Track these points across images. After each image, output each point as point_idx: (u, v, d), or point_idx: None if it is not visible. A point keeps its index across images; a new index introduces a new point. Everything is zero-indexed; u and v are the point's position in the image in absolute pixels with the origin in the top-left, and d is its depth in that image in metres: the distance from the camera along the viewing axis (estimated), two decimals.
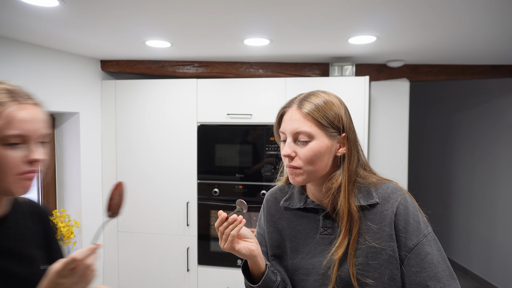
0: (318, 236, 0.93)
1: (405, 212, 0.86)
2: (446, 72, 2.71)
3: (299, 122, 0.88)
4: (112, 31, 1.86)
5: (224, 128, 2.55)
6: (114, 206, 0.89)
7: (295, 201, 0.99)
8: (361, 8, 1.48)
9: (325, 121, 0.87)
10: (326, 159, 0.89)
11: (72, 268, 0.71)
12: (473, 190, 3.60)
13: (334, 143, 0.89)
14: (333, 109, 0.89)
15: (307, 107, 0.88)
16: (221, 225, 0.86)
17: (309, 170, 0.88)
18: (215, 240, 2.62)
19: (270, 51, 2.29)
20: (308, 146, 0.87)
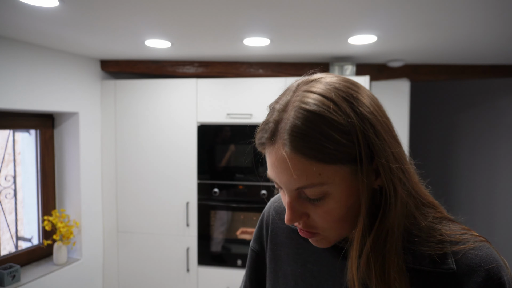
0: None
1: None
2: (446, 72, 2.71)
3: (293, 174, 0.51)
4: (112, 31, 1.86)
5: (224, 128, 2.55)
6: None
7: None
8: (361, 8, 1.48)
9: (338, 155, 0.49)
10: (358, 203, 0.52)
11: None
12: (473, 190, 3.59)
13: (365, 174, 0.50)
14: (343, 123, 0.49)
15: (297, 143, 0.49)
16: None
17: (337, 231, 0.55)
18: (215, 240, 2.61)
19: (270, 51, 2.29)
20: (326, 205, 0.52)
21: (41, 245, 2.43)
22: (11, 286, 2.05)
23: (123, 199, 2.68)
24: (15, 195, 2.35)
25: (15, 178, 2.36)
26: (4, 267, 2.07)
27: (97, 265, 2.68)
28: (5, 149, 2.34)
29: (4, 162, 2.32)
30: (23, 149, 2.45)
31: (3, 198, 2.28)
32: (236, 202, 2.56)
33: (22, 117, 2.28)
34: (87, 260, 2.57)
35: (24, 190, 2.46)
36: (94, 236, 2.64)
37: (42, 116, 2.43)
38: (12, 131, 2.36)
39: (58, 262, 2.38)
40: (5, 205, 2.33)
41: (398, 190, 0.51)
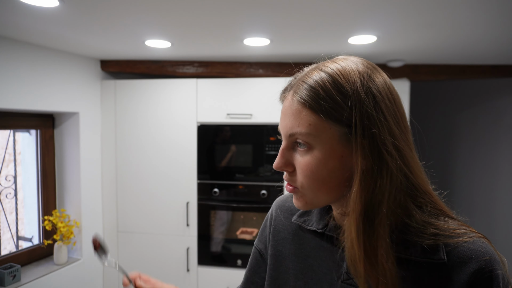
0: (339, 284, 0.60)
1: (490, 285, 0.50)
2: (446, 72, 2.71)
3: (293, 119, 0.56)
4: (112, 31, 1.86)
5: (224, 128, 2.55)
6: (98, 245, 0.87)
7: (313, 220, 0.66)
8: (361, 8, 1.48)
9: (330, 114, 0.52)
10: (340, 176, 0.54)
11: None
12: (473, 190, 3.59)
13: (352, 150, 0.53)
14: (346, 88, 0.53)
15: (303, 93, 0.55)
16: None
17: (313, 192, 0.57)
18: (215, 240, 2.61)
19: (270, 51, 2.29)
20: (308, 156, 0.55)
21: (42, 245, 2.43)
22: (12, 286, 2.05)
23: (123, 199, 2.68)
24: (16, 195, 2.36)
25: (16, 178, 2.36)
26: (5, 267, 2.08)
27: (98, 265, 2.68)
28: (6, 149, 2.34)
29: (4, 162, 2.32)
30: (24, 149, 2.45)
31: (4, 198, 2.28)
32: (236, 202, 2.56)
33: (22, 117, 2.28)
34: (88, 260, 2.58)
35: (25, 190, 2.47)
36: None
37: (42, 116, 2.43)
38: (12, 131, 2.36)
39: (59, 262, 2.38)
40: (6, 205, 2.33)
41: (389, 165, 0.51)
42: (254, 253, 0.79)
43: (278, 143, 2.47)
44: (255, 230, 2.60)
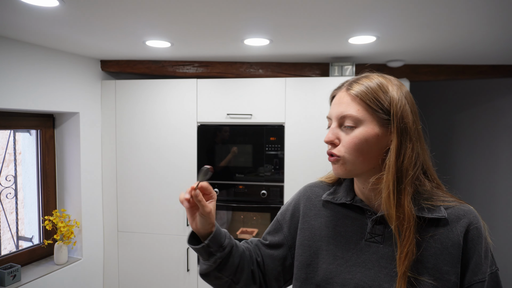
0: (363, 243, 0.80)
1: (478, 236, 0.75)
2: (446, 72, 2.71)
3: (346, 105, 0.78)
4: (112, 31, 1.86)
5: (224, 128, 2.55)
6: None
7: (341, 196, 0.87)
8: (361, 8, 1.48)
9: (375, 104, 0.76)
10: (375, 150, 0.76)
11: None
12: (473, 190, 3.60)
13: (386, 133, 0.76)
14: (388, 92, 0.77)
15: (356, 89, 0.78)
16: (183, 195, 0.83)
17: (353, 160, 0.77)
18: None
19: (270, 51, 2.29)
20: (353, 133, 0.77)
21: (42, 245, 2.44)
22: (12, 286, 2.05)
23: (123, 199, 2.68)
24: (16, 195, 2.36)
25: (16, 178, 2.36)
26: (5, 267, 2.08)
27: (98, 265, 2.68)
28: (6, 149, 2.35)
29: (5, 162, 2.32)
30: (24, 149, 2.45)
31: (4, 198, 2.28)
32: (236, 202, 2.57)
33: (22, 117, 2.29)
34: (88, 259, 2.58)
35: (25, 190, 2.47)
36: (95, 236, 2.65)
37: (42, 116, 2.43)
38: (12, 131, 2.36)
39: (59, 261, 2.38)
40: (6, 205, 2.34)
41: (413, 145, 0.76)
42: (275, 222, 0.98)
43: (278, 143, 2.47)
44: (255, 230, 2.60)
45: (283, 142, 2.48)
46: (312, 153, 2.44)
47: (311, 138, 2.44)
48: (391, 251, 0.76)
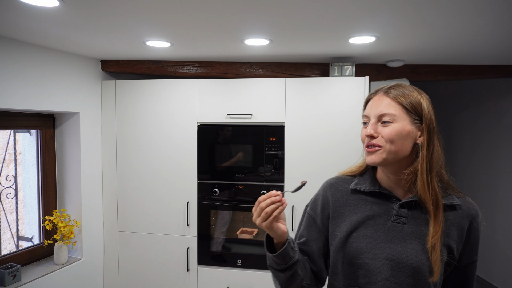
0: (390, 223, 0.94)
1: (479, 225, 0.95)
2: (446, 72, 2.72)
3: (385, 105, 0.93)
4: (112, 31, 1.86)
5: (224, 128, 2.55)
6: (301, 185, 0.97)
7: (367, 185, 1.00)
8: (361, 8, 1.49)
9: (409, 106, 0.92)
10: (407, 143, 0.92)
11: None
12: (473, 190, 3.59)
13: (416, 130, 0.93)
14: (418, 98, 0.94)
15: (394, 93, 0.94)
16: (264, 202, 0.87)
17: (390, 150, 0.91)
18: (215, 240, 2.62)
19: (270, 51, 2.29)
20: (391, 126, 0.91)
21: (42, 245, 2.44)
22: (12, 286, 2.06)
23: (123, 199, 2.69)
24: (16, 195, 2.36)
25: (16, 178, 2.36)
26: (5, 267, 2.08)
27: (98, 265, 2.69)
28: (6, 149, 2.35)
29: (5, 162, 2.33)
30: (24, 149, 2.46)
31: (4, 198, 2.28)
32: (236, 202, 2.57)
33: (23, 117, 2.29)
34: (88, 259, 2.58)
35: (25, 190, 2.47)
36: (95, 236, 2.65)
37: (43, 116, 2.43)
38: (13, 131, 2.36)
39: (59, 261, 2.39)
40: (6, 205, 2.34)
41: (436, 142, 0.94)
42: (308, 218, 1.09)
43: (278, 143, 2.47)
44: (255, 230, 2.60)
45: (283, 142, 2.48)
46: (312, 153, 2.45)
47: (311, 138, 2.44)
48: (415, 230, 0.92)
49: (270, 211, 0.86)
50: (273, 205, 0.87)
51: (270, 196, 0.88)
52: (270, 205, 0.87)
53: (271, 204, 0.87)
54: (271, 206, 0.87)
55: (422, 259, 0.88)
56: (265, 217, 0.87)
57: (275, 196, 0.87)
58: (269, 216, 0.87)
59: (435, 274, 0.87)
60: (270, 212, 0.86)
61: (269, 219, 0.87)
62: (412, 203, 0.94)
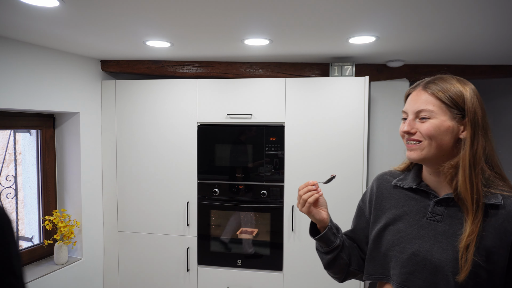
0: (424, 220, 0.94)
1: None
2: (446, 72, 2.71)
3: (422, 101, 0.91)
4: (112, 31, 1.86)
5: (224, 128, 2.55)
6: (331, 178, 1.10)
7: (408, 181, 1.01)
8: (361, 8, 1.49)
9: (449, 101, 0.89)
10: (448, 139, 0.89)
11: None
12: None
13: (457, 125, 0.89)
14: (461, 91, 0.90)
15: (433, 88, 0.91)
16: (302, 190, 1.01)
17: (429, 146, 0.89)
18: (215, 240, 2.62)
19: (270, 51, 2.29)
20: (428, 122, 0.89)
21: (42, 245, 2.44)
22: None
23: (123, 198, 2.69)
24: (16, 195, 2.36)
25: (16, 178, 2.36)
26: None
27: (98, 265, 2.69)
28: (6, 149, 2.35)
29: (5, 162, 2.33)
30: (24, 149, 2.46)
31: (4, 198, 2.28)
32: (236, 202, 2.57)
33: (23, 117, 2.29)
34: (88, 259, 2.58)
35: (25, 190, 2.47)
36: (95, 236, 2.65)
37: (43, 116, 2.43)
38: (13, 131, 2.36)
39: (59, 261, 2.39)
40: (6, 205, 2.34)
41: (480, 138, 0.88)
42: (358, 208, 1.16)
43: (278, 143, 2.47)
44: (255, 230, 2.60)
45: (283, 142, 2.48)
46: (312, 153, 2.45)
47: (311, 138, 2.44)
48: (448, 229, 0.89)
49: (306, 197, 1.00)
50: (309, 192, 1.00)
51: (307, 185, 1.01)
52: (307, 193, 1.00)
53: (307, 192, 1.00)
54: (308, 193, 1.00)
55: (447, 258, 0.86)
56: (303, 203, 1.01)
57: (311, 185, 1.01)
58: (306, 202, 1.00)
59: (462, 274, 0.82)
60: (306, 199, 1.00)
61: (306, 205, 1.00)
62: (450, 201, 0.91)
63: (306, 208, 1.00)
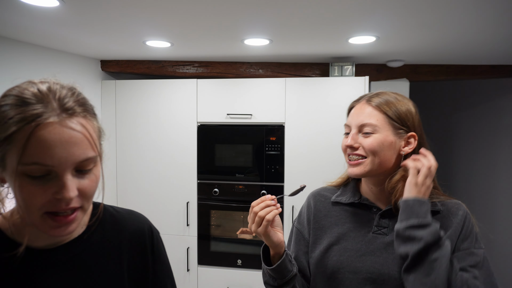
0: (371, 235, 0.91)
1: (469, 222, 0.89)
2: (446, 72, 2.72)
3: (366, 115, 0.89)
4: (112, 31, 1.86)
5: (224, 128, 2.55)
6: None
7: (349, 196, 0.97)
8: (361, 8, 1.49)
9: (393, 115, 0.88)
10: (390, 155, 0.88)
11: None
12: (473, 190, 3.60)
13: (400, 141, 0.89)
14: (403, 106, 0.90)
15: (376, 101, 0.90)
16: (257, 206, 0.84)
17: (372, 161, 0.87)
18: (215, 240, 2.62)
19: (270, 51, 2.29)
20: (372, 137, 0.87)
21: None
22: None
23: (123, 198, 2.68)
24: None
25: None
26: None
27: None
28: None
29: None
30: None
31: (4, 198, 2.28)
32: (236, 202, 2.57)
33: None
34: None
35: None
36: None
37: None
38: None
39: None
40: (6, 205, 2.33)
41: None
42: (296, 232, 1.05)
43: (278, 143, 2.47)
44: None
45: (283, 142, 2.48)
46: (312, 153, 2.44)
47: (311, 138, 2.44)
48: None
49: (264, 214, 0.82)
50: (267, 208, 0.83)
51: (263, 200, 0.84)
52: (264, 209, 0.83)
53: (265, 208, 0.83)
54: (265, 209, 0.83)
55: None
56: (259, 222, 0.83)
57: (269, 200, 0.84)
58: (263, 220, 0.82)
59: None
60: (263, 216, 0.82)
61: (263, 224, 0.82)
62: (393, 212, 0.89)
63: (263, 227, 0.82)
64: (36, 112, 0.55)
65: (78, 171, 0.59)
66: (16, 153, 0.55)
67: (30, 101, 0.58)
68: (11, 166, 0.56)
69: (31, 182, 0.56)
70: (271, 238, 0.84)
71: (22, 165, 0.55)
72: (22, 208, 0.59)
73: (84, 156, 0.58)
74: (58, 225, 0.59)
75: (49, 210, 0.58)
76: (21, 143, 0.54)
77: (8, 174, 0.58)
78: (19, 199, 0.58)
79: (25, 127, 0.54)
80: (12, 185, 0.58)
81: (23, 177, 0.56)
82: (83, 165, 0.59)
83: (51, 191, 0.56)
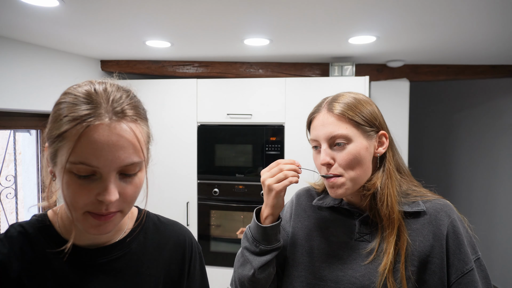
0: (353, 242, 0.85)
1: (457, 232, 0.80)
2: (446, 72, 2.72)
3: (333, 125, 0.81)
4: (112, 31, 1.86)
5: (224, 128, 2.55)
6: None
7: (329, 200, 0.91)
8: (361, 8, 1.49)
9: (360, 119, 0.81)
10: (367, 162, 0.82)
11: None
12: (473, 190, 3.60)
13: (372, 143, 0.83)
14: (366, 106, 0.83)
15: (339, 108, 0.81)
16: (287, 165, 0.81)
17: (352, 177, 0.80)
18: (215, 240, 2.62)
19: (270, 51, 2.29)
20: (347, 150, 0.80)
21: None
22: None
23: None
24: (16, 195, 2.36)
25: (16, 178, 2.36)
26: None
27: None
28: (6, 149, 2.34)
29: (5, 162, 2.32)
30: (24, 149, 2.45)
31: (4, 198, 2.28)
32: (236, 202, 2.57)
33: (22, 117, 2.28)
34: None
35: (25, 190, 2.47)
36: None
37: (42, 116, 2.43)
38: (12, 131, 2.36)
39: None
40: (6, 205, 2.34)
41: (393, 150, 0.87)
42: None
43: (278, 143, 2.47)
44: None
45: (283, 142, 2.48)
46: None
47: None
48: (379, 247, 0.82)
49: (290, 174, 0.80)
50: (293, 172, 0.81)
51: (293, 163, 0.82)
52: (291, 170, 0.81)
53: (292, 170, 0.81)
54: (292, 171, 0.81)
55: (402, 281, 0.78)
56: (281, 178, 0.80)
57: (298, 166, 0.83)
58: (285, 178, 0.80)
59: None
60: (289, 176, 0.80)
61: (284, 182, 0.79)
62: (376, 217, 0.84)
63: (282, 185, 0.79)
64: (88, 113, 0.57)
65: (122, 175, 0.60)
66: (66, 151, 0.57)
67: (84, 101, 0.59)
68: (61, 162, 0.58)
69: (77, 181, 0.57)
70: (281, 198, 0.82)
71: (70, 164, 0.56)
72: (68, 204, 0.60)
73: (130, 161, 0.59)
74: (98, 223, 0.60)
75: (90, 211, 0.59)
76: (72, 142, 0.56)
77: (58, 170, 0.60)
78: (65, 195, 0.59)
79: (76, 127, 0.56)
80: (60, 181, 0.59)
81: (71, 175, 0.57)
82: (128, 169, 0.60)
83: (94, 192, 0.58)
